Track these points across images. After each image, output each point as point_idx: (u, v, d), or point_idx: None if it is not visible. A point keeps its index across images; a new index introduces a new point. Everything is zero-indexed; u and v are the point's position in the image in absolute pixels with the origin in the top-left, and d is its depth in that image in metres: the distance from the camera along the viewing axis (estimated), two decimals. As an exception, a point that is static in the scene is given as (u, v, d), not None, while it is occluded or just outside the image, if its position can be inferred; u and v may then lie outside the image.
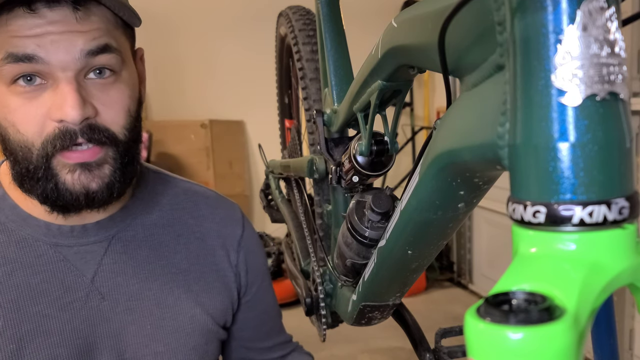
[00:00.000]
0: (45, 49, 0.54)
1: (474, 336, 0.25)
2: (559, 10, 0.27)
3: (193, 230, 0.75)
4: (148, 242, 0.71)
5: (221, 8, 3.31)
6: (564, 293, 0.26)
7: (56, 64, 0.55)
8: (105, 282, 0.67)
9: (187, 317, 0.71)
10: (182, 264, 0.73)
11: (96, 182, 0.59)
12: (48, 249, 0.65)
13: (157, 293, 0.70)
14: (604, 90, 0.27)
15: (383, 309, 0.72)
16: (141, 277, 0.69)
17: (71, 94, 0.55)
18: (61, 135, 0.56)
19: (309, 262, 0.99)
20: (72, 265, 0.66)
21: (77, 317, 0.65)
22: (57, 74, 0.56)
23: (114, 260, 0.68)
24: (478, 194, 0.45)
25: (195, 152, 3.20)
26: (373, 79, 0.58)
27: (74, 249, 0.66)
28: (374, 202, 0.64)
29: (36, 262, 0.64)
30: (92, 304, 0.66)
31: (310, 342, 0.99)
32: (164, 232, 0.73)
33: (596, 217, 0.27)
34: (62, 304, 0.65)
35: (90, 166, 0.59)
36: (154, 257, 0.71)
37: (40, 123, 0.57)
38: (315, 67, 0.95)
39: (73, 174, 0.58)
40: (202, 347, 0.73)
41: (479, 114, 0.35)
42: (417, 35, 0.45)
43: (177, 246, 0.73)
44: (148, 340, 0.69)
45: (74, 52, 0.55)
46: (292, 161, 1.07)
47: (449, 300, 2.96)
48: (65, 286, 0.65)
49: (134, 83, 0.63)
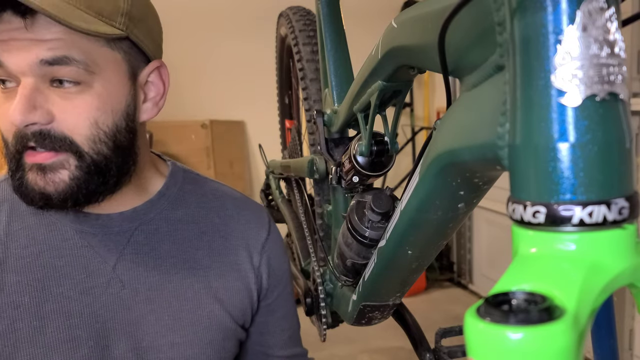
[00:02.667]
0: (8, 53, 0.57)
1: (474, 336, 0.25)
2: (559, 11, 0.27)
3: (218, 229, 0.77)
4: (171, 237, 0.73)
5: (221, 8, 3.32)
6: (564, 293, 0.26)
7: (15, 69, 0.57)
8: (126, 271, 0.70)
9: (205, 311, 0.73)
10: (204, 261, 0.75)
11: (50, 185, 0.60)
12: (74, 234, 0.68)
13: (176, 286, 0.72)
14: (604, 90, 0.27)
15: (383, 308, 0.72)
16: (162, 270, 0.72)
17: (19, 99, 0.57)
18: (17, 136, 0.60)
19: (309, 262, 0.99)
20: (95, 251, 0.68)
21: (97, 302, 0.68)
22: (19, 78, 0.58)
23: (136, 251, 0.70)
24: (478, 194, 0.45)
25: (196, 152, 3.20)
26: (373, 80, 0.58)
27: (98, 237, 0.69)
28: (374, 202, 0.64)
29: (62, 246, 0.68)
30: (113, 291, 0.69)
31: (311, 342, 0.99)
32: (188, 229, 0.75)
33: (596, 217, 0.27)
34: (84, 288, 0.67)
35: (44, 169, 0.60)
36: (176, 252, 0.73)
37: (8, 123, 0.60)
38: (315, 68, 0.95)
39: (32, 174, 0.60)
40: (218, 342, 0.74)
41: (478, 114, 0.35)
42: (417, 35, 0.45)
43: (200, 243, 0.75)
44: (165, 331, 0.71)
45: (30, 59, 0.57)
46: (292, 161, 1.07)
47: (449, 300, 2.96)
48: (88, 271, 0.68)
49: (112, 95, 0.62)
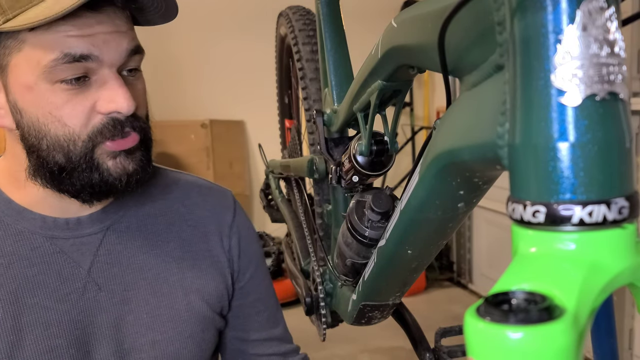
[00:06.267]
0: (98, 48, 0.58)
1: (474, 336, 0.25)
2: (559, 10, 0.27)
3: (185, 219, 0.77)
4: (141, 233, 0.73)
5: (221, 8, 3.31)
6: (564, 293, 0.26)
7: (107, 62, 0.60)
8: (101, 273, 0.69)
9: (182, 304, 0.73)
10: (176, 252, 0.74)
11: (132, 165, 0.64)
12: (44, 242, 0.67)
13: (152, 282, 0.72)
14: (604, 90, 0.27)
15: (383, 308, 0.72)
16: (135, 267, 0.71)
17: (123, 89, 0.60)
18: (110, 126, 0.61)
19: (309, 261, 0.99)
20: (68, 257, 0.67)
21: (75, 308, 0.67)
22: (104, 70, 0.60)
23: (109, 252, 0.70)
24: (478, 194, 0.45)
25: (196, 152, 3.20)
26: (373, 79, 0.58)
27: (70, 241, 0.68)
28: (374, 202, 0.64)
29: (32, 255, 0.66)
30: (90, 295, 0.68)
31: (310, 341, 0.99)
32: (156, 222, 0.75)
33: (596, 216, 0.27)
34: (60, 296, 0.66)
35: (129, 152, 0.64)
36: (147, 247, 0.73)
37: (86, 116, 0.61)
38: (315, 67, 0.95)
39: (114, 160, 0.63)
40: (198, 334, 0.74)
41: (478, 114, 0.35)
42: (417, 35, 0.45)
43: (169, 235, 0.75)
44: (145, 330, 0.71)
45: (121, 50, 0.60)
46: (292, 161, 1.07)
47: (449, 300, 2.96)
48: (62, 278, 0.67)
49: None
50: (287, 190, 1.28)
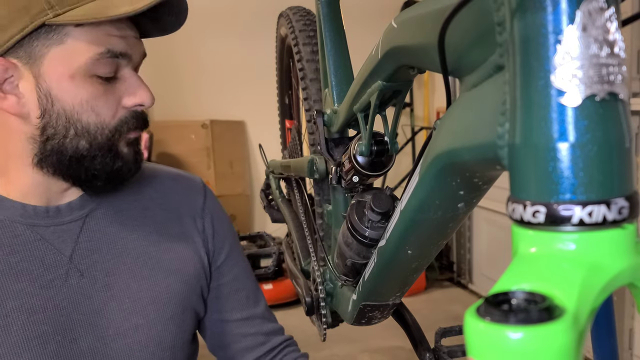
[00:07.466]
0: (131, 48, 0.67)
1: (474, 336, 0.25)
2: (559, 11, 0.27)
3: (158, 203, 0.80)
4: (118, 218, 0.75)
5: (222, 9, 3.32)
6: (564, 293, 0.26)
7: (134, 61, 0.68)
8: (82, 260, 0.70)
9: (162, 287, 0.75)
10: (152, 236, 0.77)
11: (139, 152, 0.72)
12: (25, 230, 0.68)
13: (131, 266, 0.74)
14: (604, 90, 0.27)
15: (383, 308, 0.72)
16: (115, 253, 0.73)
17: (144, 85, 0.69)
18: (134, 118, 0.69)
19: (310, 261, 0.99)
20: (50, 244, 0.69)
21: (58, 294, 0.68)
22: (127, 69, 0.67)
23: (90, 238, 0.72)
24: (478, 194, 0.45)
25: (196, 152, 3.21)
26: (373, 80, 0.58)
27: (51, 229, 0.69)
28: (374, 202, 0.64)
29: (14, 242, 0.67)
30: (72, 282, 0.69)
31: (311, 341, 1.00)
32: (131, 207, 0.77)
33: (596, 217, 0.27)
34: (44, 282, 0.67)
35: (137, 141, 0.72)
36: (125, 232, 0.75)
37: (114, 108, 0.67)
38: (315, 68, 0.95)
39: (129, 147, 0.70)
40: (179, 316, 0.76)
41: (478, 114, 0.35)
42: (417, 35, 0.45)
43: (144, 219, 0.78)
44: (128, 314, 0.72)
45: (141, 53, 0.69)
46: (292, 161, 1.07)
47: (449, 300, 2.96)
48: (45, 265, 0.68)
49: None
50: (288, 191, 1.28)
